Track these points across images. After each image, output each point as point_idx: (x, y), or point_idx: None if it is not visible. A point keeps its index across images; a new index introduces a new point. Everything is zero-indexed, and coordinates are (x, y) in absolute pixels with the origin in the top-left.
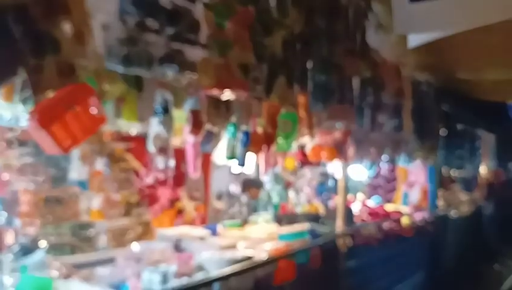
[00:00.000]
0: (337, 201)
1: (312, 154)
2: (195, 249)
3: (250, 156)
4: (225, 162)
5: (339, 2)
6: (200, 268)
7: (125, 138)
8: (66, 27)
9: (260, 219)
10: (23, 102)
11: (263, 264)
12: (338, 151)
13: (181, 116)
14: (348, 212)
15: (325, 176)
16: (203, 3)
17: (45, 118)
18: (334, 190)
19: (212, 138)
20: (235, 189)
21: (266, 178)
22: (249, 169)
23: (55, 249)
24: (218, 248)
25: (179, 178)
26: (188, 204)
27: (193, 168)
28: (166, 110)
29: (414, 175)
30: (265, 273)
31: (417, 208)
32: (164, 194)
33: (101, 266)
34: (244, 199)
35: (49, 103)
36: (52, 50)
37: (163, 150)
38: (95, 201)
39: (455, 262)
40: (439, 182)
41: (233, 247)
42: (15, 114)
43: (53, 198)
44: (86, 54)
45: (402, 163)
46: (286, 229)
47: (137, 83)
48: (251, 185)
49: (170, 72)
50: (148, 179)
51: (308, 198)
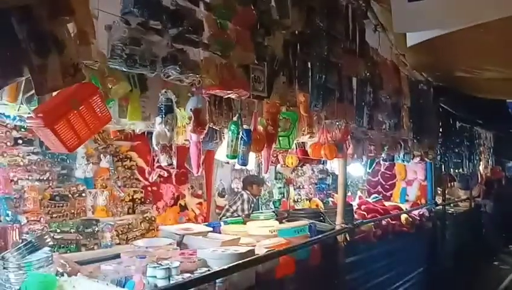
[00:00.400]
0: (336, 198)
1: (312, 152)
2: (198, 245)
3: (251, 155)
4: (226, 160)
5: (339, 2)
6: (203, 264)
7: (129, 137)
8: (70, 27)
9: (261, 216)
10: (27, 101)
11: (264, 260)
12: (338, 149)
13: (184, 115)
14: (348, 208)
15: (325, 174)
16: (205, 3)
17: (50, 117)
18: (334, 187)
19: (214, 137)
20: (237, 186)
21: (267, 176)
22: (251, 167)
23: (60, 246)
24: (220, 244)
25: (182, 176)
26: (191, 201)
27: (196, 166)
28: (169, 109)
29: (413, 172)
30: (266, 269)
31: (415, 205)
32: (168, 191)
33: (106, 263)
34: (245, 196)
35: (53, 102)
36: (56, 50)
37: (166, 149)
38: (100, 198)
39: (454, 258)
40: (437, 180)
41: (235, 243)
42: (20, 113)
43: (58, 196)
44: (90, 54)
45: (401, 161)
46: (287, 225)
47: (140, 83)
48: (253, 183)
49: (173, 72)
50: (151, 177)
51: (308, 195)
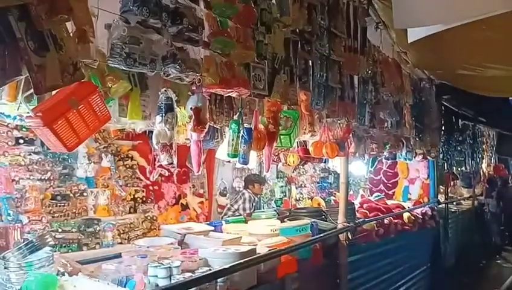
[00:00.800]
0: (338, 196)
1: (313, 150)
2: (199, 244)
3: (252, 154)
4: (227, 159)
5: (340, 0)
6: (204, 263)
7: (131, 136)
8: (69, 26)
9: (263, 215)
10: (27, 101)
11: (266, 259)
12: (339, 147)
13: (184, 114)
14: (350, 207)
15: (327, 172)
16: (206, 2)
17: (48, 117)
18: (336, 186)
19: (215, 135)
20: (239, 185)
21: (269, 174)
22: (252, 166)
23: (62, 245)
24: (221, 244)
25: (184, 175)
26: (193, 200)
27: (196, 165)
28: (169, 108)
29: (415, 171)
30: (268, 268)
31: (418, 203)
32: (169, 190)
33: (107, 262)
34: (247, 195)
35: (52, 102)
36: (54, 49)
37: (166, 148)
38: (102, 198)
39: (457, 257)
40: (440, 178)
41: (236, 242)
42: (20, 113)
43: (60, 195)
44: (89, 53)
45: (403, 159)
46: (288, 224)
47: (141, 82)
48: (254, 181)
49: (173, 71)
50: (152, 176)
51: (310, 194)
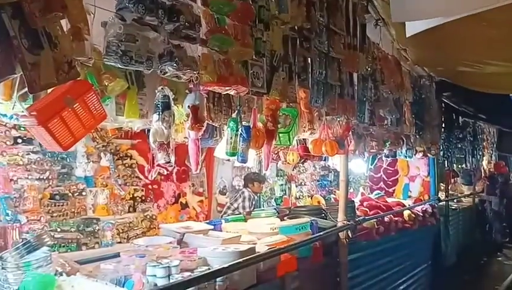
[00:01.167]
0: (338, 194)
1: (313, 148)
2: (198, 243)
3: (251, 152)
4: (226, 157)
5: None
6: (203, 262)
7: (130, 135)
8: (63, 23)
9: (263, 213)
10: (22, 99)
11: (265, 258)
12: (339, 145)
13: (182, 112)
14: (350, 205)
15: (327, 170)
16: None
17: (43, 115)
18: (336, 184)
19: (214, 134)
20: (238, 184)
21: (269, 173)
22: (251, 164)
23: (61, 245)
24: (221, 242)
25: (183, 174)
26: (192, 199)
27: (195, 163)
28: (166, 106)
29: (415, 168)
30: (267, 267)
31: (418, 201)
32: (169, 189)
33: (106, 262)
34: (247, 194)
35: (47, 100)
36: (48, 47)
37: (163, 146)
38: (101, 197)
39: (458, 254)
40: (440, 175)
41: (235, 241)
42: (15, 111)
43: (58, 195)
44: (84, 51)
45: (403, 156)
46: (288, 222)
47: (138, 80)
48: (254, 180)
49: (170, 69)
50: (151, 175)
51: (310, 192)
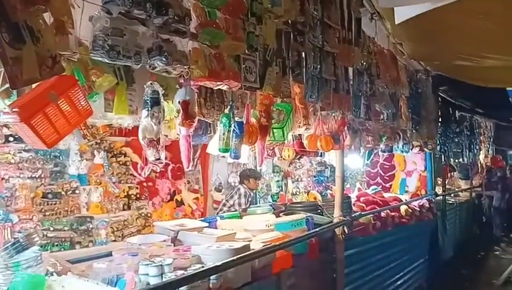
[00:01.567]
0: (334, 190)
1: (308, 144)
2: (193, 241)
3: (244, 148)
4: (218, 154)
5: None
6: (197, 260)
7: (124, 132)
8: (46, 16)
9: (258, 210)
10: (6, 96)
11: (260, 255)
12: (334, 140)
13: (173, 108)
14: (346, 201)
15: (324, 166)
16: None
17: (26, 112)
18: (333, 179)
19: (208, 130)
20: (234, 180)
21: (265, 169)
22: (247, 160)
23: (54, 244)
24: (215, 240)
25: (178, 171)
26: (188, 196)
27: (186, 160)
28: (155, 101)
29: (412, 163)
30: (262, 264)
31: (415, 196)
32: (164, 187)
33: (98, 261)
34: (242, 190)
35: (30, 96)
36: (31, 41)
37: (153, 143)
38: (94, 195)
39: (455, 249)
40: (437, 170)
41: (230, 238)
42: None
43: (51, 193)
44: (67, 45)
45: (400, 151)
46: (283, 219)
47: (127, 75)
48: (249, 176)
49: (159, 63)
50: (144, 172)
51: (307, 188)
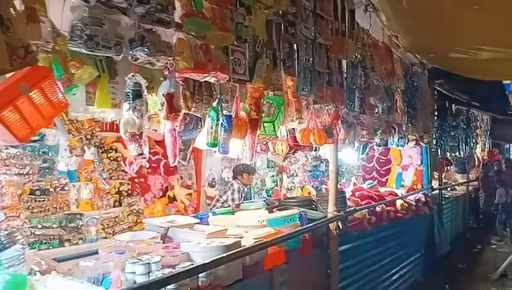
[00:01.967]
0: (329, 185)
1: (301, 138)
2: (183, 238)
3: (236, 142)
4: (207, 148)
5: None
6: (187, 258)
7: (115, 127)
8: (16, 4)
9: (252, 205)
10: None
11: (251, 251)
12: (327, 134)
13: (157, 101)
14: (340, 195)
15: (319, 160)
16: None
17: None
18: (328, 174)
19: (199, 124)
20: (228, 176)
21: (259, 164)
22: (237, 155)
23: (42, 242)
24: (206, 237)
25: (171, 166)
26: (181, 192)
27: (172, 155)
28: (137, 94)
29: (408, 157)
30: (254, 260)
31: (411, 190)
32: (156, 183)
33: (85, 259)
34: (236, 186)
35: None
36: (0, 30)
37: (135, 137)
38: (84, 192)
39: (452, 242)
40: (433, 164)
41: (221, 235)
42: None
43: (39, 190)
44: (39, 34)
45: (395, 145)
46: (276, 214)
47: (109, 67)
48: (243, 172)
49: (141, 54)
50: (132, 169)
51: (302, 183)
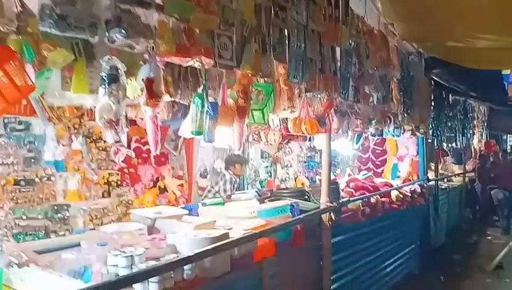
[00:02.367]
0: (321, 176)
1: (293, 127)
2: (170, 229)
3: (221, 131)
4: (191, 136)
5: None
6: (172, 250)
7: None
8: None
9: (243, 196)
10: None
11: (239, 243)
12: (320, 123)
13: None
14: (334, 186)
15: (314, 151)
16: None
17: None
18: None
19: (187, 113)
20: (220, 166)
21: (253, 154)
22: (229, 144)
23: (27, 233)
24: (193, 228)
25: (162, 157)
26: (172, 183)
27: (153, 144)
28: (113, 78)
29: (404, 148)
30: (243, 252)
31: (407, 181)
32: (146, 173)
33: (68, 251)
34: (228, 176)
35: None
36: None
37: (112, 124)
38: (72, 182)
39: (447, 233)
40: (430, 154)
41: (210, 226)
42: None
43: (24, 180)
44: (2, 12)
45: (390, 135)
46: (267, 205)
47: (86, 51)
48: (235, 162)
49: (118, 36)
50: (118, 159)
51: (297, 173)
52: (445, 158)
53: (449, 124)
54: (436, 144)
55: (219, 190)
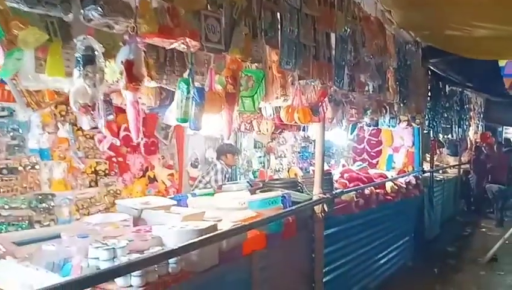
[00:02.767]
0: (315, 166)
1: (285, 115)
2: (157, 220)
3: (210, 118)
4: (176, 124)
5: None
6: (158, 242)
7: None
8: None
9: (234, 187)
10: None
11: (227, 236)
12: (313, 112)
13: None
14: (327, 177)
15: (308, 141)
16: None
17: None
18: None
19: None
20: (211, 156)
21: (246, 144)
22: (219, 132)
23: (9, 223)
24: (181, 219)
25: (152, 146)
26: (162, 172)
27: (135, 130)
28: (89, 59)
29: (399, 138)
30: (232, 245)
31: (402, 172)
32: (135, 162)
33: (48, 243)
34: (219, 166)
35: None
36: None
37: (87, 109)
38: (57, 171)
39: (442, 225)
40: (425, 146)
41: (198, 218)
42: None
43: (6, 168)
44: None
45: (386, 126)
46: (258, 196)
47: (62, 31)
48: (227, 152)
49: (94, 14)
50: (102, 146)
51: (291, 164)
52: (440, 150)
53: (445, 115)
54: (432, 135)
55: (210, 180)
